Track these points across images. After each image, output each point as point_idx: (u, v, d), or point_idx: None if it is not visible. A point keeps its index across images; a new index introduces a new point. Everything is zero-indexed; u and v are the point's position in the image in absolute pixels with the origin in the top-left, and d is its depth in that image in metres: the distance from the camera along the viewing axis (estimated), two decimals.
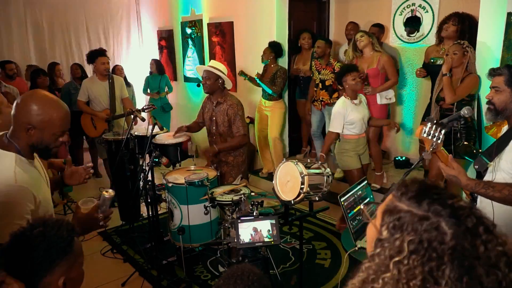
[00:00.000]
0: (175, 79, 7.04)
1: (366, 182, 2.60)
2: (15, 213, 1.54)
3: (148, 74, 6.41)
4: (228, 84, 3.50)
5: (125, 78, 5.77)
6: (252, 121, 5.57)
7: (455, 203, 0.85)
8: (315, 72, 4.80)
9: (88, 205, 1.73)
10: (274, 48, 4.97)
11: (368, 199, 2.51)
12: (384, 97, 4.27)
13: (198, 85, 3.58)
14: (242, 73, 5.03)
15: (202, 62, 6.32)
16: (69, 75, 5.97)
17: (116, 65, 6.09)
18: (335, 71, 4.61)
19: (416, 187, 0.89)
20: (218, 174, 3.35)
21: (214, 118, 3.55)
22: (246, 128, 3.52)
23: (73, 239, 1.23)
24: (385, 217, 0.89)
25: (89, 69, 5.94)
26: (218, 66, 3.44)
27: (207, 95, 3.60)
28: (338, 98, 4.62)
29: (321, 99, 4.83)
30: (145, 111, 3.98)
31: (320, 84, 4.79)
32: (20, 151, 1.67)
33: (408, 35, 4.90)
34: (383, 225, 0.89)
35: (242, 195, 2.86)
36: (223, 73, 3.42)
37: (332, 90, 4.75)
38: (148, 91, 6.47)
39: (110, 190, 1.76)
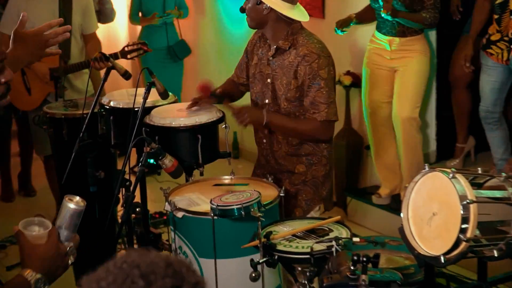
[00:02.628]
0: None
1: None
2: None
3: None
4: (299, 15, 3.55)
5: None
6: (355, 83, 5.55)
7: None
8: None
9: (36, 229, 1.94)
10: None
11: None
12: None
13: (242, 10, 3.64)
14: (343, 25, 5.04)
15: None
16: None
17: None
18: None
19: None
20: (282, 194, 3.39)
21: (269, 80, 3.61)
22: (335, 107, 3.54)
23: None
24: None
25: None
26: None
27: (257, 30, 3.70)
28: None
29: (508, 35, 4.81)
30: (130, 56, 4.04)
31: (510, 4, 4.72)
32: None
33: None
34: None
35: (334, 242, 2.82)
36: None
37: None
38: (140, 15, 6.60)
39: (78, 198, 2.00)
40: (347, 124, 5.67)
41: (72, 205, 1.95)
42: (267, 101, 3.64)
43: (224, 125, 3.70)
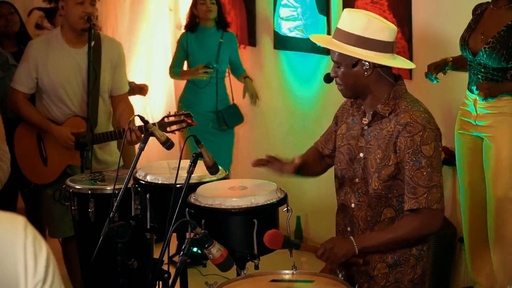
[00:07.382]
0: (252, 43, 7.26)
1: None
2: None
3: (184, 30, 6.76)
4: (403, 63, 3.42)
5: None
6: (448, 160, 5.31)
7: None
8: None
9: None
10: None
11: None
12: None
13: (328, 79, 3.50)
14: (437, 69, 4.90)
15: (325, 6, 6.32)
16: None
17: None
18: None
19: None
20: None
21: (362, 154, 3.39)
22: (439, 193, 3.30)
23: None
24: None
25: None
26: (362, 22, 3.36)
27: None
28: None
29: None
30: (170, 129, 4.30)
31: None
32: None
33: None
34: None
35: None
36: (377, 43, 3.29)
37: None
38: (185, 67, 6.67)
39: None
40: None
41: None
42: (357, 180, 3.41)
43: (285, 208, 3.54)
